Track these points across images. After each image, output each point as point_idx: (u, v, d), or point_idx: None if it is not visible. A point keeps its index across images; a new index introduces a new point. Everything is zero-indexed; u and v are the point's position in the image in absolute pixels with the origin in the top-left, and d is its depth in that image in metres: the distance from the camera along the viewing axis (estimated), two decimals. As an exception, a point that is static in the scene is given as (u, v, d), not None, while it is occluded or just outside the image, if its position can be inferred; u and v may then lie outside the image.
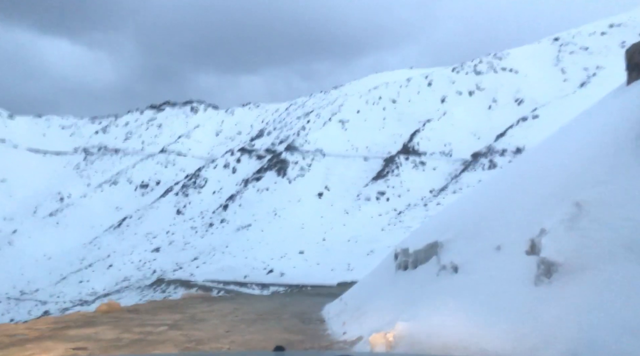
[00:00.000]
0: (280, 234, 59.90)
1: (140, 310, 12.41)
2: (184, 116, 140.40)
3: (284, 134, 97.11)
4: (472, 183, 63.41)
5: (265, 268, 50.31)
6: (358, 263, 45.95)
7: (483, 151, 71.85)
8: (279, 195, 72.88)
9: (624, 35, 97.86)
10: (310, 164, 79.75)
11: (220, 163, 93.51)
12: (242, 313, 11.28)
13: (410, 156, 75.85)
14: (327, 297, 16.06)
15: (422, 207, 60.12)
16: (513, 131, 74.51)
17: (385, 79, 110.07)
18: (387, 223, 58.06)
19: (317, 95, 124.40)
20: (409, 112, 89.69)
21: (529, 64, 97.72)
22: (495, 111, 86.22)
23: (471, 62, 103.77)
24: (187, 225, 75.27)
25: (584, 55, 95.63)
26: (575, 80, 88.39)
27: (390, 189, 68.69)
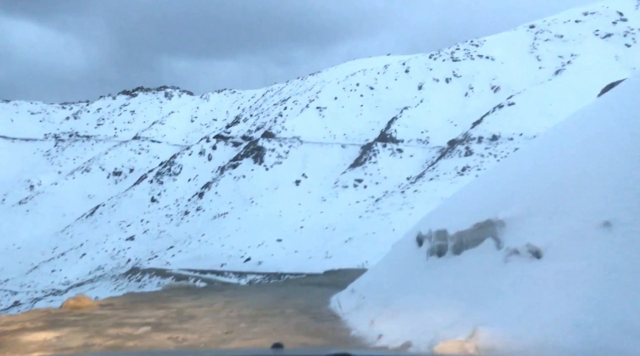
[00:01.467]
0: (257, 222, 59.31)
1: (116, 304, 10.77)
2: (158, 101, 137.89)
3: (261, 120, 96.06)
4: (449, 170, 63.72)
5: (243, 256, 49.78)
6: (336, 251, 45.78)
7: (459, 138, 72.16)
8: (255, 183, 72.17)
9: (598, 24, 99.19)
10: (287, 152, 79.08)
11: (196, 150, 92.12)
12: (237, 308, 9.76)
13: (388, 143, 75.77)
14: (323, 287, 15.07)
15: (399, 194, 60.14)
16: (489, 118, 74.95)
17: (362, 66, 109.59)
18: (365, 210, 57.93)
19: (294, 81, 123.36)
20: (386, 99, 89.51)
21: (505, 52, 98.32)
22: (471, 98, 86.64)
23: (448, 49, 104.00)
24: (162, 213, 74.08)
25: (558, 43, 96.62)
26: (551, 67, 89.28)
27: (368, 176, 68.55)
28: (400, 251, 9.77)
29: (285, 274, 41.36)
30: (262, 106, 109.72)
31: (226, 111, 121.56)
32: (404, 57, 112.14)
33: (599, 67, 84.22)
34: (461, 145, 69.68)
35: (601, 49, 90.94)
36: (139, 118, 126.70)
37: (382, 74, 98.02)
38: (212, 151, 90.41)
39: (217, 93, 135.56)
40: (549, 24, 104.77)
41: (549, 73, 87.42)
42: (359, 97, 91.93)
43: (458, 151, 68.28)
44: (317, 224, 56.01)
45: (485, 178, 11.26)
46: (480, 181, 10.66)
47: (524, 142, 67.38)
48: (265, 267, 45.15)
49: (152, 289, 38.48)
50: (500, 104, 78.30)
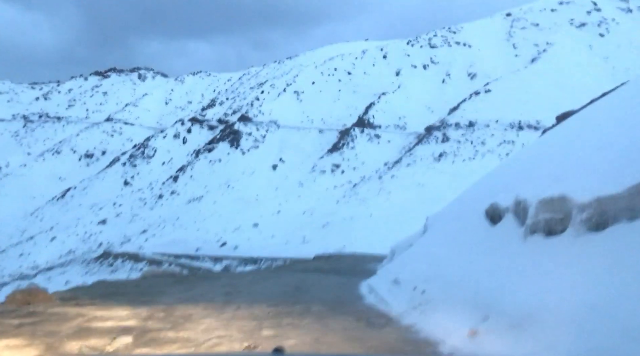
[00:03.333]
0: (233, 207, 58.67)
1: (82, 298, 8.13)
2: (131, 83, 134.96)
3: (237, 104, 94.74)
4: (426, 156, 63.92)
5: (219, 241, 49.22)
6: (314, 236, 45.57)
7: (436, 125, 72.40)
8: (232, 167, 71.32)
9: (573, 13, 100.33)
10: (264, 136, 78.26)
11: (170, 133, 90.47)
12: (245, 304, 7.61)
13: (365, 129, 75.59)
14: (327, 274, 13.47)
15: (376, 179, 60.12)
16: (466, 105, 75.37)
17: (340, 51, 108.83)
18: (343, 195, 57.78)
19: (271, 65, 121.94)
20: (364, 84, 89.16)
21: (482, 39, 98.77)
22: (448, 84, 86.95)
23: (426, 36, 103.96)
24: (135, 197, 72.68)
25: (534, 31, 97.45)
26: (526, 55, 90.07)
27: (346, 161, 68.35)
28: (456, 231, 8.06)
29: (262, 259, 41.02)
30: (239, 90, 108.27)
31: (201, 94, 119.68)
32: (382, 43, 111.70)
33: (573, 56, 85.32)
34: (438, 131, 69.95)
35: (576, 38, 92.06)
36: (111, 100, 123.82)
37: (360, 59, 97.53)
38: (187, 134, 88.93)
39: (192, 75, 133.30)
40: (525, 13, 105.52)
41: (525, 61, 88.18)
42: (336, 82, 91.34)
43: (435, 137, 68.53)
44: (294, 209, 55.64)
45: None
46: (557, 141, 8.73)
47: (499, 130, 68.03)
48: (241, 252, 44.72)
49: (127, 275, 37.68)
50: (477, 91, 78.76)
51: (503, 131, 67.39)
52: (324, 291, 9.52)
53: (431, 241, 9.33)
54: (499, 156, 61.22)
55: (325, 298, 8.44)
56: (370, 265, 17.60)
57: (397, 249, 13.52)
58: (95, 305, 7.56)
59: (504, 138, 65.51)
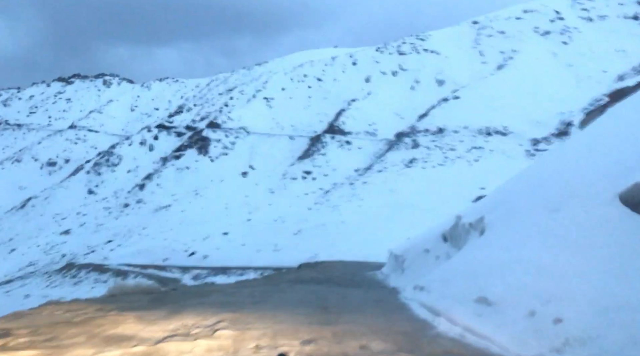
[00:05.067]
0: (202, 215, 57.40)
1: (17, 332, 5.55)
2: (96, 89, 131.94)
3: (205, 110, 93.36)
4: (397, 162, 63.98)
5: (187, 251, 47.85)
6: (286, 243, 44.74)
7: (406, 131, 72.70)
8: (200, 174, 70.01)
9: (537, 21, 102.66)
10: (233, 143, 77.17)
11: (136, 140, 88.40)
12: (268, 339, 5.43)
13: (336, 135, 75.34)
14: (325, 286, 11.90)
15: (348, 186, 59.76)
16: (435, 112, 75.95)
17: (310, 57, 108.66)
18: (314, 202, 57.17)
19: (240, 71, 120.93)
20: (334, 91, 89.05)
21: (450, 46, 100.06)
22: (417, 91, 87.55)
23: (395, 43, 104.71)
24: (100, 206, 70.54)
25: (500, 39, 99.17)
26: (493, 63, 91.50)
27: (317, 168, 67.85)
28: (560, 227, 6.13)
29: (232, 268, 40.05)
30: (207, 96, 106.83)
31: (169, 100, 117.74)
32: (351, 50, 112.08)
33: (538, 64, 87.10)
34: (408, 138, 70.18)
35: (540, 46, 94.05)
36: (75, 106, 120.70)
37: (330, 65, 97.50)
38: (153, 141, 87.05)
39: (159, 82, 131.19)
40: (492, 20, 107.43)
41: (492, 68, 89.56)
42: (307, 88, 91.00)
43: (405, 144, 68.70)
44: (265, 217, 54.74)
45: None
46: None
47: (468, 136, 68.67)
48: (211, 261, 43.56)
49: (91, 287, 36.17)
50: (446, 98, 79.52)
51: (472, 137, 68.03)
52: (364, 315, 7.12)
53: (507, 243, 7.12)
54: (468, 162, 61.74)
55: (378, 327, 6.08)
56: (369, 274, 16.88)
57: (407, 255, 12.29)
58: (33, 345, 5.05)
59: (472, 144, 66.10)
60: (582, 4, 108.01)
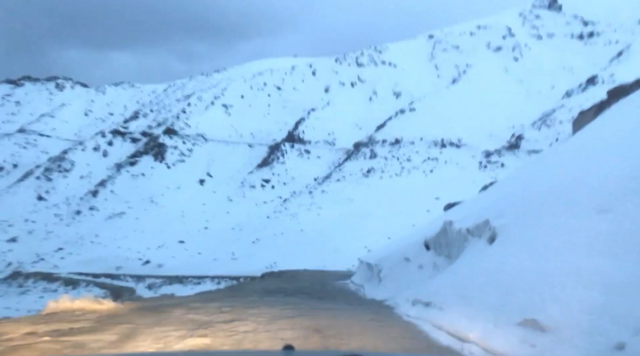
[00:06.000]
0: (157, 223, 56.36)
1: None
2: (48, 92, 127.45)
3: (162, 116, 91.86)
4: (355, 171, 64.78)
5: (141, 259, 46.95)
6: (243, 252, 44.60)
7: (364, 141, 73.74)
8: (156, 181, 68.70)
9: (489, 37, 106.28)
10: (191, 149, 76.22)
11: (90, 145, 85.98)
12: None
13: (296, 144, 75.63)
14: (300, 298, 10.96)
15: (307, 194, 60.08)
16: (392, 123, 77.42)
17: (269, 66, 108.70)
18: (273, 210, 57.19)
19: (199, 78, 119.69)
20: (294, 100, 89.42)
21: (407, 59, 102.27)
22: (375, 102, 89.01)
23: (353, 54, 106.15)
24: (50, 212, 68.08)
25: (455, 53, 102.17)
26: (448, 76, 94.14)
27: (276, 176, 67.88)
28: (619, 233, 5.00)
29: (188, 277, 39.52)
30: (164, 102, 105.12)
31: (124, 106, 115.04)
32: (311, 60, 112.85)
33: (490, 78, 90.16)
34: (366, 148, 71.21)
35: (492, 61, 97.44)
36: (25, 110, 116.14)
37: (290, 74, 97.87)
38: (108, 146, 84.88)
39: (114, 86, 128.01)
40: (447, 35, 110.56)
41: (447, 81, 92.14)
42: (266, 96, 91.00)
43: (363, 154, 69.67)
44: (222, 225, 54.33)
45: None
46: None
47: (424, 147, 70.26)
48: (166, 270, 42.88)
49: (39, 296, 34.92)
50: (402, 109, 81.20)
51: (427, 148, 69.65)
52: (369, 341, 5.86)
53: (541, 250, 5.85)
54: (424, 173, 63.21)
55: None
56: (339, 283, 16.44)
57: (384, 264, 11.62)
58: None
59: (428, 155, 67.69)
60: (532, 22, 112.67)
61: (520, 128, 72.77)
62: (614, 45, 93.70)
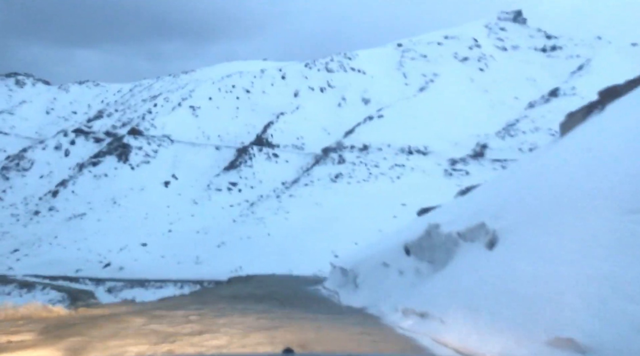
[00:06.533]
0: (120, 225, 55.10)
1: None
2: (7, 89, 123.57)
3: (127, 116, 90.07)
4: (323, 176, 64.78)
5: (102, 262, 45.82)
6: (208, 256, 43.98)
7: (333, 146, 73.89)
8: (119, 182, 67.23)
9: (456, 47, 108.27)
10: (156, 151, 74.89)
11: (51, 144, 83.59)
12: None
13: (264, 148, 75.17)
14: (271, 305, 10.32)
15: (274, 199, 59.73)
16: (360, 129, 77.82)
17: (239, 68, 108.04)
18: (239, 214, 56.63)
19: (166, 78, 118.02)
20: (262, 103, 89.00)
21: (375, 66, 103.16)
22: (344, 108, 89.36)
23: (323, 60, 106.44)
24: (6, 212, 65.80)
25: (423, 62, 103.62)
26: (415, 84, 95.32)
27: (243, 180, 67.26)
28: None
29: (150, 280, 38.72)
30: (129, 101, 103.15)
31: (88, 104, 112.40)
32: (281, 64, 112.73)
33: (456, 88, 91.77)
34: (334, 153, 71.34)
35: (459, 71, 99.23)
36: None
37: (259, 78, 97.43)
38: (70, 146, 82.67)
39: (78, 84, 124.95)
40: (415, 44, 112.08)
41: (414, 90, 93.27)
42: (235, 99, 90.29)
43: (332, 159, 69.77)
44: (187, 228, 53.47)
45: None
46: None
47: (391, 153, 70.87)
48: (127, 273, 41.91)
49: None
50: (371, 116, 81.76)
51: (394, 155, 70.25)
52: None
53: (562, 255, 5.24)
54: (391, 179, 63.72)
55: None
56: (310, 289, 16.14)
57: (360, 269, 10.99)
58: None
59: (395, 162, 68.26)
60: (497, 34, 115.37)
61: (484, 137, 74.22)
62: (575, 59, 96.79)
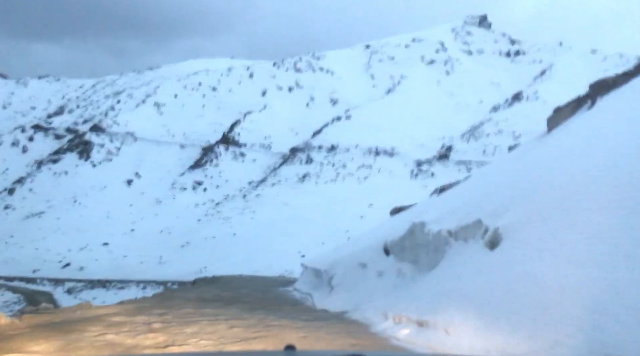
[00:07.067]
0: (80, 224, 53.51)
1: None
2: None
3: (89, 113, 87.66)
4: (290, 176, 64.43)
5: (61, 261, 44.39)
6: (172, 256, 43.11)
7: (301, 146, 73.61)
8: (80, 180, 65.34)
9: (423, 50, 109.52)
10: (119, 148, 73.06)
11: (7, 141, 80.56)
12: None
13: (230, 147, 74.25)
14: (231, 306, 9.64)
15: (241, 198, 59.04)
16: (328, 129, 77.78)
17: (205, 66, 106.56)
18: (205, 213, 55.73)
19: (130, 74, 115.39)
20: (229, 101, 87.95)
21: (344, 67, 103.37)
22: (312, 108, 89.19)
23: (291, 59, 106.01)
24: (-41, 211, 63.03)
25: (390, 64, 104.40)
26: (383, 86, 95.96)
27: (209, 179, 66.24)
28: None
29: (112, 281, 37.68)
30: (92, 98, 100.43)
31: (48, 100, 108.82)
32: (248, 62, 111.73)
33: (423, 90, 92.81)
34: (302, 153, 71.07)
35: (426, 73, 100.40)
36: None
37: (226, 76, 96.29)
38: (28, 142, 79.83)
39: (37, 79, 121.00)
40: (383, 46, 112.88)
41: (382, 91, 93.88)
42: (201, 97, 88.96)
43: (299, 159, 69.48)
44: (150, 228, 52.30)
45: None
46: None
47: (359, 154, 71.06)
48: (88, 273, 40.75)
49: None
50: (339, 117, 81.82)
51: (362, 155, 70.45)
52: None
53: (576, 261, 4.59)
54: (358, 180, 63.86)
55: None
56: (280, 290, 15.57)
57: (335, 270, 10.39)
58: None
59: (362, 162, 68.46)
60: (464, 38, 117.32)
61: (450, 139, 75.24)
62: (537, 64, 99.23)
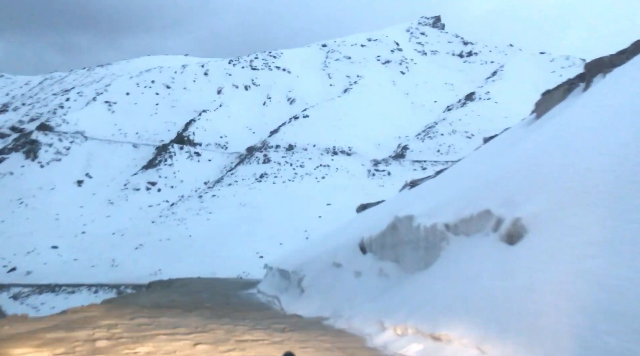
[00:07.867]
0: (27, 227, 51.33)
1: None
2: None
3: (36, 111, 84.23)
4: (248, 175, 63.73)
5: (6, 266, 42.56)
6: (125, 258, 41.91)
7: (258, 146, 72.98)
8: (26, 181, 62.70)
9: (379, 50, 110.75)
10: (68, 148, 70.48)
11: (-54, 140, 76.43)
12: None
13: (185, 146, 72.80)
14: (194, 313, 8.89)
15: (196, 199, 57.96)
16: (285, 128, 77.44)
17: (158, 63, 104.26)
18: (159, 215, 54.40)
19: (79, 71, 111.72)
20: (184, 100, 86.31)
21: (301, 66, 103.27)
22: (269, 107, 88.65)
23: (247, 57, 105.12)
24: None
25: (347, 64, 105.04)
26: (340, 85, 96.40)
27: (163, 179, 64.71)
28: None
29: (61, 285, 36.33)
30: (39, 95, 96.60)
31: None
32: (203, 60, 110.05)
33: (379, 90, 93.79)
34: (259, 152, 70.47)
35: (382, 73, 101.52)
36: None
37: (180, 74, 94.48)
38: (-31, 141, 75.98)
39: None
40: (339, 45, 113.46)
41: (339, 90, 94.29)
42: (154, 95, 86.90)
43: (256, 158, 68.85)
44: (102, 230, 50.69)
45: None
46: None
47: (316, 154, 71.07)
48: (35, 278, 39.20)
49: None
50: (296, 116, 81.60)
51: (319, 155, 70.48)
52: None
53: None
54: (316, 179, 63.82)
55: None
56: (244, 293, 14.77)
57: (305, 271, 9.78)
58: None
59: (320, 162, 68.48)
60: (418, 39, 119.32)
61: (405, 139, 76.28)
62: (489, 64, 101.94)
